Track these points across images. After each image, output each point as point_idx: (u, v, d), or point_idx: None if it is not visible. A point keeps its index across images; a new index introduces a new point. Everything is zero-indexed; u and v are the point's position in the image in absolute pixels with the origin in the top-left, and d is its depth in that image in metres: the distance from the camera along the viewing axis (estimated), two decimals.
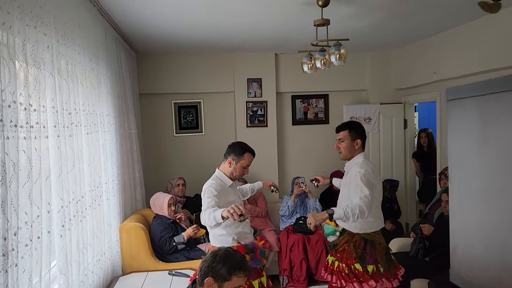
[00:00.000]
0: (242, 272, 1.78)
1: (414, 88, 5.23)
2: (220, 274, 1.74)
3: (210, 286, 1.74)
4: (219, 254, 1.79)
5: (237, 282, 1.78)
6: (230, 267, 1.76)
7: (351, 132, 2.94)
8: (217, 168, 2.89)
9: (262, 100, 5.47)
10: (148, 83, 5.23)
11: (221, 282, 1.74)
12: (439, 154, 4.82)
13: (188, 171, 5.23)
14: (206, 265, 1.77)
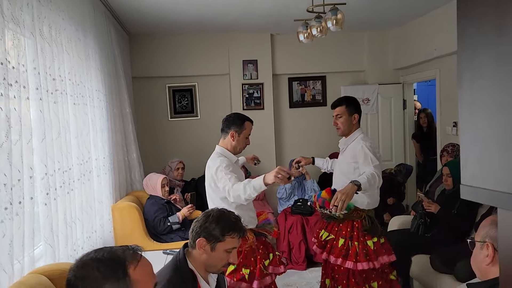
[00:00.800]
0: (236, 233, 1.69)
1: (413, 67, 5.13)
2: (213, 234, 1.65)
3: (203, 248, 1.65)
4: (212, 214, 1.70)
5: (231, 243, 1.68)
6: (223, 227, 1.67)
7: (348, 107, 2.86)
8: (216, 145, 2.69)
9: (258, 82, 5.37)
10: (141, 66, 5.12)
11: (213, 243, 1.65)
12: (439, 134, 4.73)
13: (184, 155, 5.12)
14: (198, 225, 1.67)
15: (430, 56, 4.55)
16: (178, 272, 1.62)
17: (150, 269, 1.16)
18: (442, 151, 4.07)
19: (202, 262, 1.68)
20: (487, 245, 1.36)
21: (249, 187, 2.25)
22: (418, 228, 3.56)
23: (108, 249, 1.12)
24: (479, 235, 1.43)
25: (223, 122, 2.68)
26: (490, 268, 1.36)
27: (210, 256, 1.67)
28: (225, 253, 1.68)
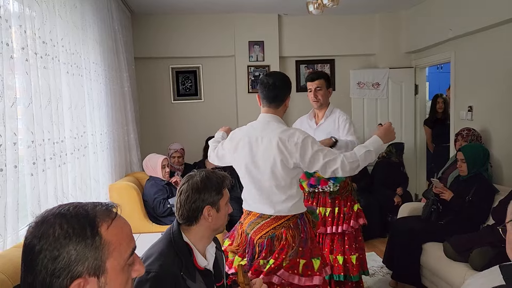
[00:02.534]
0: (225, 182, 1.62)
1: (426, 50, 4.92)
2: (213, 195, 1.57)
3: (210, 215, 1.56)
4: (197, 182, 1.56)
5: (226, 194, 1.63)
6: (217, 184, 1.58)
7: (326, 81, 2.97)
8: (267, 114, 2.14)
9: (264, 64, 5.18)
10: (144, 46, 4.95)
11: (217, 203, 1.58)
12: (453, 119, 4.52)
13: (187, 139, 4.99)
14: (193, 200, 1.51)
15: (444, 37, 4.33)
16: (171, 245, 1.47)
17: (127, 231, 0.95)
18: (457, 135, 3.88)
19: (210, 229, 1.58)
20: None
21: (369, 154, 1.98)
22: (430, 215, 3.38)
23: (75, 203, 0.91)
24: (509, 214, 1.20)
25: (277, 87, 2.10)
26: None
27: (217, 217, 1.59)
28: (226, 206, 1.63)
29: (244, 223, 2.18)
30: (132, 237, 0.97)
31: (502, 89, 3.71)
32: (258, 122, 2.15)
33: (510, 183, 3.56)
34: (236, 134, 2.19)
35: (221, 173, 1.64)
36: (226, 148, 2.22)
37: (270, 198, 2.07)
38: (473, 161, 3.35)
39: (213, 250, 1.61)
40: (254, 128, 2.13)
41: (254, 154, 2.08)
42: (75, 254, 0.84)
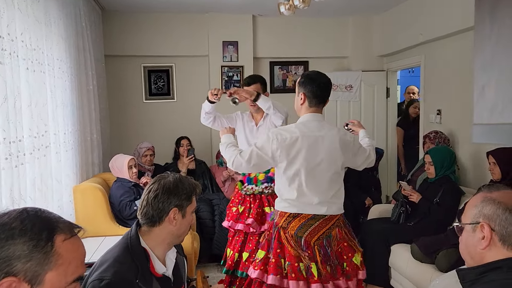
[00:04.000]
0: (196, 190, 1.58)
1: (398, 54, 4.99)
2: (183, 199, 1.52)
3: (175, 219, 1.50)
4: (167, 182, 1.51)
5: (194, 202, 1.58)
6: (188, 188, 1.54)
7: (262, 84, 2.97)
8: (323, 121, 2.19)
9: (238, 65, 5.14)
10: (115, 44, 4.83)
11: (184, 208, 1.53)
12: (423, 122, 4.60)
13: (159, 139, 4.90)
14: (162, 200, 1.46)
15: (415, 41, 4.40)
16: (127, 250, 1.40)
17: (81, 254, 0.93)
18: (425, 137, 3.95)
19: (172, 235, 1.52)
20: (482, 225, 1.13)
21: None
22: (399, 217, 3.42)
23: (43, 209, 0.91)
24: (467, 216, 1.20)
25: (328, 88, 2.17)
26: (486, 252, 1.13)
27: (181, 223, 1.53)
28: (191, 215, 1.58)
29: (289, 227, 2.10)
30: (83, 263, 0.94)
31: (468, 94, 3.78)
32: (311, 121, 2.11)
33: (476, 185, 3.63)
34: (285, 135, 2.07)
35: (194, 181, 1.61)
36: (272, 150, 2.07)
37: (326, 198, 2.10)
38: (441, 164, 3.41)
39: (173, 255, 1.55)
40: (309, 128, 2.09)
41: (316, 154, 2.07)
42: (22, 250, 0.82)
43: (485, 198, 1.17)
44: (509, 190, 1.16)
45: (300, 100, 2.14)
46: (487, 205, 1.14)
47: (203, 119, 3.00)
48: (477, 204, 1.18)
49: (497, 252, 1.10)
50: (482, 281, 1.09)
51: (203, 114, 2.96)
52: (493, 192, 1.16)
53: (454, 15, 3.72)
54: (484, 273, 1.10)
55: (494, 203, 1.13)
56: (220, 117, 3.03)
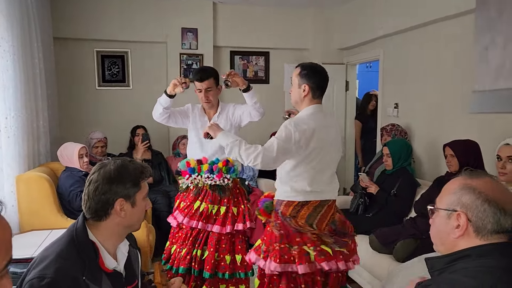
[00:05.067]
0: (145, 173, 1.42)
1: (357, 47, 5.03)
2: (129, 187, 1.37)
3: (123, 209, 1.36)
4: (110, 170, 1.36)
5: (145, 187, 1.43)
6: (134, 174, 1.39)
7: (215, 79, 2.82)
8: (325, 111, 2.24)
9: (198, 53, 4.99)
10: (66, 25, 4.53)
11: (132, 196, 1.38)
12: (380, 115, 4.67)
13: (113, 128, 4.66)
14: (103, 191, 1.32)
15: (375, 35, 4.45)
16: (72, 244, 1.26)
17: (6, 238, 0.77)
18: (382, 130, 4.01)
19: (123, 226, 1.39)
20: (459, 214, 1.08)
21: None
22: (357, 208, 3.44)
23: None
24: (443, 202, 1.14)
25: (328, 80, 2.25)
26: (459, 241, 1.09)
27: (132, 213, 1.39)
28: (143, 201, 1.43)
29: (299, 216, 2.09)
30: (10, 247, 0.78)
31: (424, 88, 3.87)
32: (318, 113, 2.15)
33: (430, 177, 3.73)
34: (302, 126, 2.05)
35: (140, 163, 1.46)
36: (295, 141, 2.03)
37: (331, 184, 2.20)
38: (398, 156, 3.47)
39: (125, 248, 1.43)
40: (318, 119, 2.13)
41: (328, 144, 2.14)
42: None
43: (465, 185, 1.11)
44: (490, 179, 1.11)
45: (303, 92, 2.13)
46: (467, 193, 1.09)
47: (158, 115, 2.74)
48: (456, 190, 1.12)
49: (470, 242, 1.07)
50: (450, 270, 1.06)
51: (159, 110, 2.71)
52: (474, 180, 1.11)
53: (413, 10, 3.77)
54: (453, 261, 1.07)
55: (474, 192, 1.08)
56: (174, 113, 2.81)
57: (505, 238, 1.04)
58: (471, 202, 1.07)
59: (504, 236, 1.04)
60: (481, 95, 1.57)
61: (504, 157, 2.33)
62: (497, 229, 1.04)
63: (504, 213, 1.03)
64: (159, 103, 2.71)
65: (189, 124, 2.87)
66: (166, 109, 2.71)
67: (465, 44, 3.33)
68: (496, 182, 1.14)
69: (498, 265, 0.99)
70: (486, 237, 1.05)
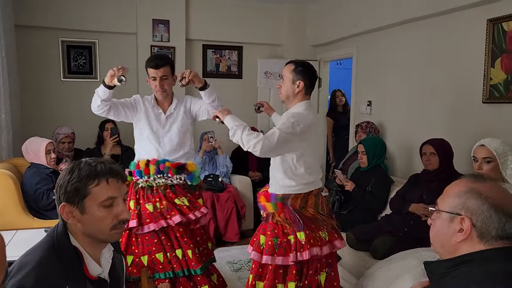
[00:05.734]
0: (101, 178, 1.24)
1: (331, 44, 5.05)
2: (72, 191, 1.22)
3: (71, 216, 1.22)
4: (65, 171, 1.25)
5: (102, 193, 1.24)
6: (79, 176, 1.22)
7: (171, 67, 2.64)
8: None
9: (169, 45, 4.85)
10: (28, 12, 4.28)
11: (78, 202, 1.22)
12: (353, 113, 4.72)
13: (79, 122, 4.45)
14: (58, 195, 1.23)
15: (349, 32, 4.48)
16: (53, 250, 1.16)
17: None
18: (357, 127, 4.05)
19: (83, 234, 1.25)
20: (463, 219, 1.06)
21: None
22: (333, 205, 3.45)
23: None
24: (446, 204, 1.11)
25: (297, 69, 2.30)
26: (461, 245, 1.07)
27: (86, 221, 1.23)
28: (103, 209, 1.24)
29: (308, 205, 2.23)
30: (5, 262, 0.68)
31: (397, 86, 3.93)
32: (311, 108, 2.29)
33: (402, 175, 3.80)
34: (304, 121, 2.16)
35: (103, 166, 1.26)
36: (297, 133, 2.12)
37: (320, 172, 2.35)
38: (373, 153, 3.50)
39: (109, 254, 1.33)
40: (313, 113, 2.28)
41: (320, 137, 2.42)
42: None
43: (471, 189, 1.09)
44: (495, 184, 1.10)
45: (297, 88, 2.22)
46: (472, 198, 1.07)
47: (96, 107, 2.47)
48: (460, 193, 1.10)
49: (473, 246, 1.06)
50: (452, 275, 1.05)
51: (97, 102, 2.43)
52: (479, 183, 1.09)
53: (388, 9, 3.81)
54: (454, 266, 1.05)
55: (480, 197, 1.06)
56: (116, 105, 2.55)
57: (509, 243, 1.03)
58: (477, 207, 1.05)
59: (508, 241, 1.03)
60: None
61: (480, 158, 2.33)
62: (501, 234, 1.03)
63: (509, 219, 1.03)
64: (97, 95, 2.44)
65: (138, 118, 2.63)
66: (105, 101, 2.44)
67: (437, 43, 3.40)
68: (500, 187, 1.13)
69: (504, 270, 0.99)
70: (490, 243, 1.04)
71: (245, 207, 4.24)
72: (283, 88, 2.28)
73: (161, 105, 2.67)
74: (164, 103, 2.67)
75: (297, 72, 2.23)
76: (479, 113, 3.01)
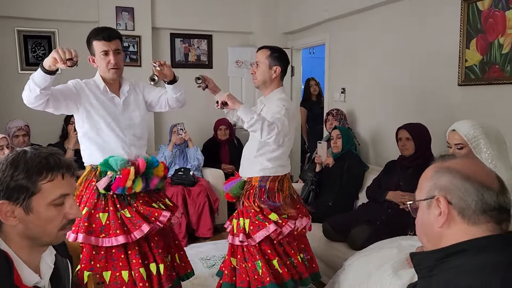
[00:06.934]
0: (55, 172, 1.07)
1: (302, 31, 4.92)
2: (16, 188, 1.03)
3: (10, 215, 1.04)
4: (5, 160, 1.06)
5: (55, 190, 1.07)
6: (28, 170, 1.03)
7: (122, 42, 2.29)
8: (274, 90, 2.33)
9: (135, 34, 4.62)
10: None
11: (24, 201, 1.04)
12: (327, 100, 4.62)
13: (41, 116, 4.11)
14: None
15: (320, 18, 4.36)
16: None
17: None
18: (327, 115, 3.98)
19: (22, 236, 1.07)
20: (438, 199, 0.95)
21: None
22: (308, 195, 3.35)
23: None
24: (422, 191, 1.03)
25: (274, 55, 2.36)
26: (444, 231, 0.96)
27: (30, 222, 1.06)
28: (53, 209, 1.07)
29: (284, 188, 2.33)
30: None
31: (372, 72, 3.84)
32: (285, 93, 2.36)
33: (376, 162, 3.73)
34: (290, 105, 2.29)
35: (56, 158, 1.09)
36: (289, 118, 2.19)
37: None
38: (347, 138, 3.44)
39: (51, 259, 1.15)
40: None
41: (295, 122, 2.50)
42: None
43: (440, 168, 0.99)
44: (467, 158, 1.01)
45: (274, 73, 2.28)
46: (442, 175, 0.97)
47: (33, 99, 1.94)
48: (431, 176, 1.00)
49: (458, 229, 0.94)
50: (444, 267, 0.92)
51: (35, 92, 1.89)
52: (448, 161, 1.00)
53: None
54: (445, 257, 0.93)
55: (449, 171, 0.97)
56: (55, 94, 2.04)
57: (494, 219, 0.92)
58: (449, 183, 0.95)
59: (494, 214, 0.92)
60: None
61: (452, 144, 2.24)
62: (482, 207, 0.92)
63: (487, 189, 0.92)
64: (33, 83, 1.88)
65: (85, 108, 2.15)
66: (44, 91, 1.90)
67: (411, 26, 3.31)
68: (473, 160, 1.04)
69: (500, 261, 0.87)
70: (474, 219, 0.92)
71: (218, 201, 4.08)
72: (259, 74, 2.30)
73: (112, 89, 2.23)
74: (113, 86, 2.23)
75: (273, 57, 2.28)
76: (454, 96, 2.94)
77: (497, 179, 0.96)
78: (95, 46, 2.16)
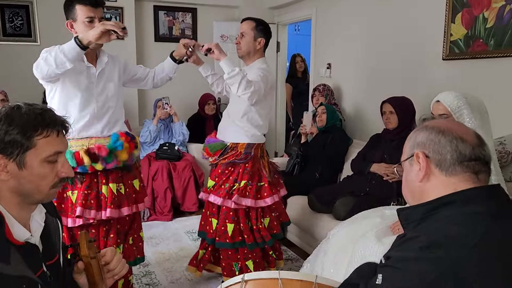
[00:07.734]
0: (49, 129, 1.06)
1: (289, 6, 4.87)
2: (11, 142, 1.02)
3: (3, 170, 1.02)
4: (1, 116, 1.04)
5: (49, 146, 1.06)
6: (23, 125, 1.02)
7: (104, 7, 2.09)
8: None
9: (116, 5, 4.50)
10: None
11: (18, 155, 1.03)
12: (313, 76, 4.62)
13: (19, 90, 4.07)
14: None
15: None
16: None
17: None
18: (314, 90, 3.97)
19: (13, 192, 1.06)
20: (417, 155, 1.01)
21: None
22: (293, 168, 3.37)
23: None
24: (404, 154, 1.08)
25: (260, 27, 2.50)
26: (425, 184, 1.00)
27: (23, 178, 1.05)
28: (47, 165, 1.07)
29: (264, 155, 2.55)
30: None
31: (357, 47, 3.84)
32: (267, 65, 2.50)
33: (361, 137, 3.77)
34: (270, 76, 2.44)
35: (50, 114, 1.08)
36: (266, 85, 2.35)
37: None
38: (332, 113, 3.47)
39: (41, 217, 1.14)
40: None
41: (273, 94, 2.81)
42: None
43: (417, 129, 1.07)
44: (444, 119, 1.04)
45: (258, 45, 2.42)
46: (420, 133, 1.04)
47: (54, 74, 1.84)
48: (410, 136, 1.07)
49: (437, 181, 0.98)
50: (433, 219, 0.95)
51: (64, 67, 1.81)
52: (426, 123, 1.07)
53: None
54: (433, 209, 0.96)
55: (426, 129, 1.03)
56: None
57: (470, 169, 0.96)
58: (426, 138, 1.01)
59: (471, 164, 0.96)
60: None
61: (437, 115, 2.28)
62: (458, 157, 0.96)
63: (461, 140, 0.97)
64: (67, 59, 1.79)
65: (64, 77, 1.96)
66: (73, 63, 1.83)
67: (397, 3, 3.31)
68: (449, 119, 1.10)
69: (486, 211, 0.91)
70: (451, 170, 0.97)
71: (203, 175, 4.08)
72: (243, 44, 2.42)
73: (89, 59, 2.04)
74: (90, 55, 2.05)
75: (258, 30, 2.41)
76: (439, 70, 2.97)
77: (475, 135, 1.01)
78: (78, 11, 1.97)
